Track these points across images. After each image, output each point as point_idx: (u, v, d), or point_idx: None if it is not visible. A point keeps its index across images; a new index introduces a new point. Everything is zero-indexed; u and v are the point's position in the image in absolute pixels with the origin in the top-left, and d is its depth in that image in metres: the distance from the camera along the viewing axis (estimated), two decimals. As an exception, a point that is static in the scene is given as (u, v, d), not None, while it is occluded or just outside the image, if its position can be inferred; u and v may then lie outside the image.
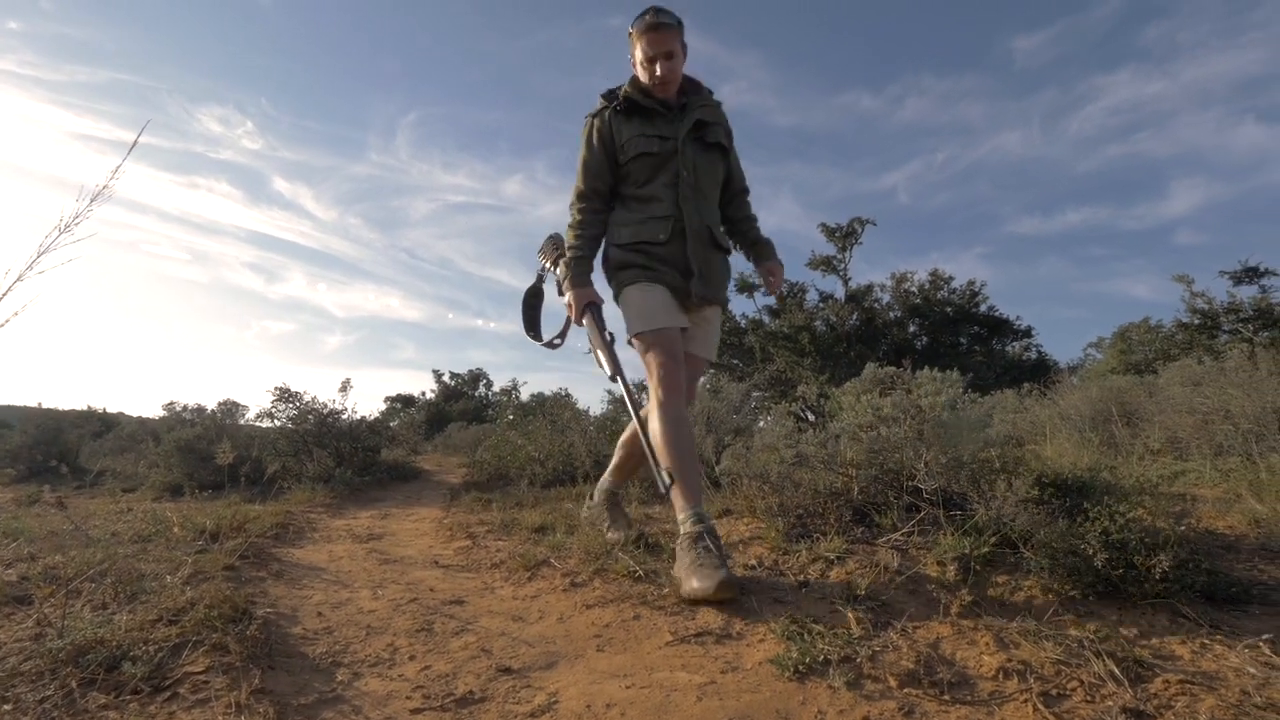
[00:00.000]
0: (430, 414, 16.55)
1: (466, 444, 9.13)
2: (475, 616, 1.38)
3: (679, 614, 1.30)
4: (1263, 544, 1.47)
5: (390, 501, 4.00)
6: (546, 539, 2.09)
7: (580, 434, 4.86)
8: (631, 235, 1.70)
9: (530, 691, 0.99)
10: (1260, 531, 1.55)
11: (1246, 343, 4.49)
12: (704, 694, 0.94)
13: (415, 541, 2.40)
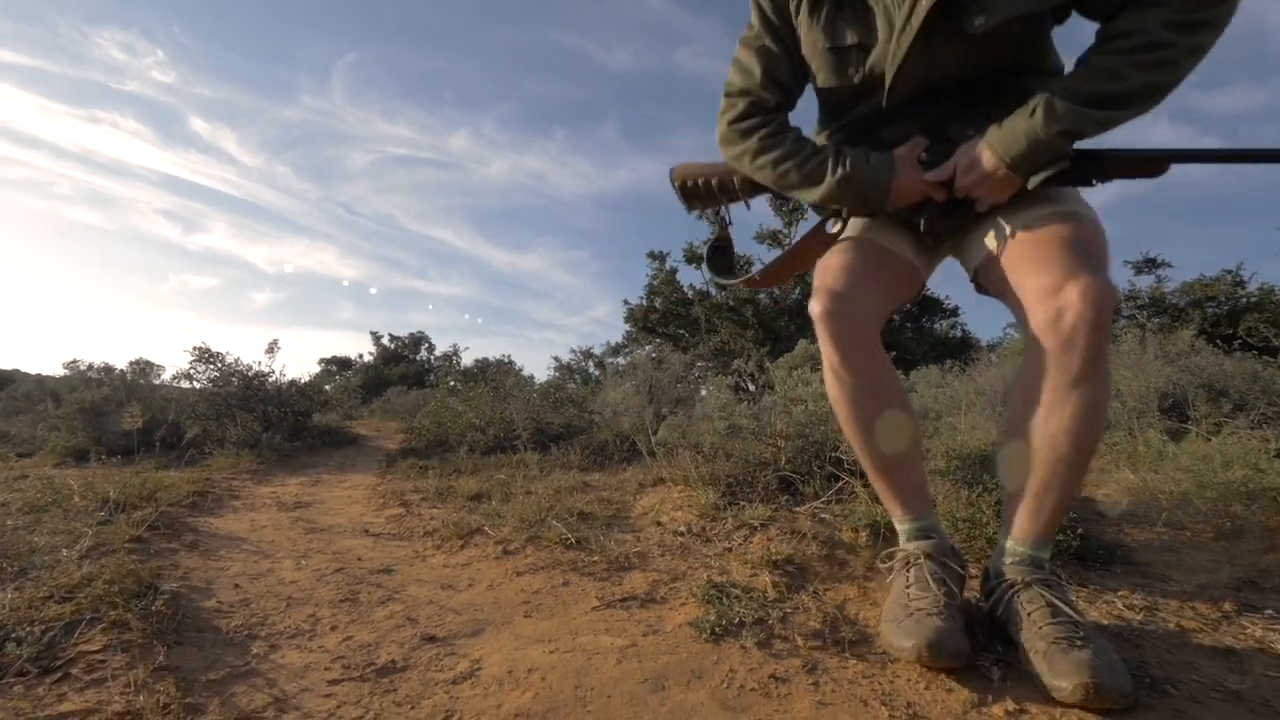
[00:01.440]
0: (368, 377, 15.96)
1: (406, 409, 8.90)
2: (403, 585, 1.37)
3: (606, 580, 1.33)
4: (1130, 510, 1.64)
5: (322, 468, 3.87)
6: (482, 507, 2.09)
7: (523, 402, 4.82)
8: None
9: (454, 659, 1.00)
10: (1131, 499, 1.73)
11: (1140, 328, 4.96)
12: (624, 656, 0.97)
13: (346, 509, 2.34)
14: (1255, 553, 1.35)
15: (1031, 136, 0.81)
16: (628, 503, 2.13)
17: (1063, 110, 0.79)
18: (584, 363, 14.63)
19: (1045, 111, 0.80)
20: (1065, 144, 0.81)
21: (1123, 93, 0.78)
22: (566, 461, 3.48)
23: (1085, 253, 0.82)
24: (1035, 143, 0.81)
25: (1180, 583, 1.18)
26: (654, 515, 1.87)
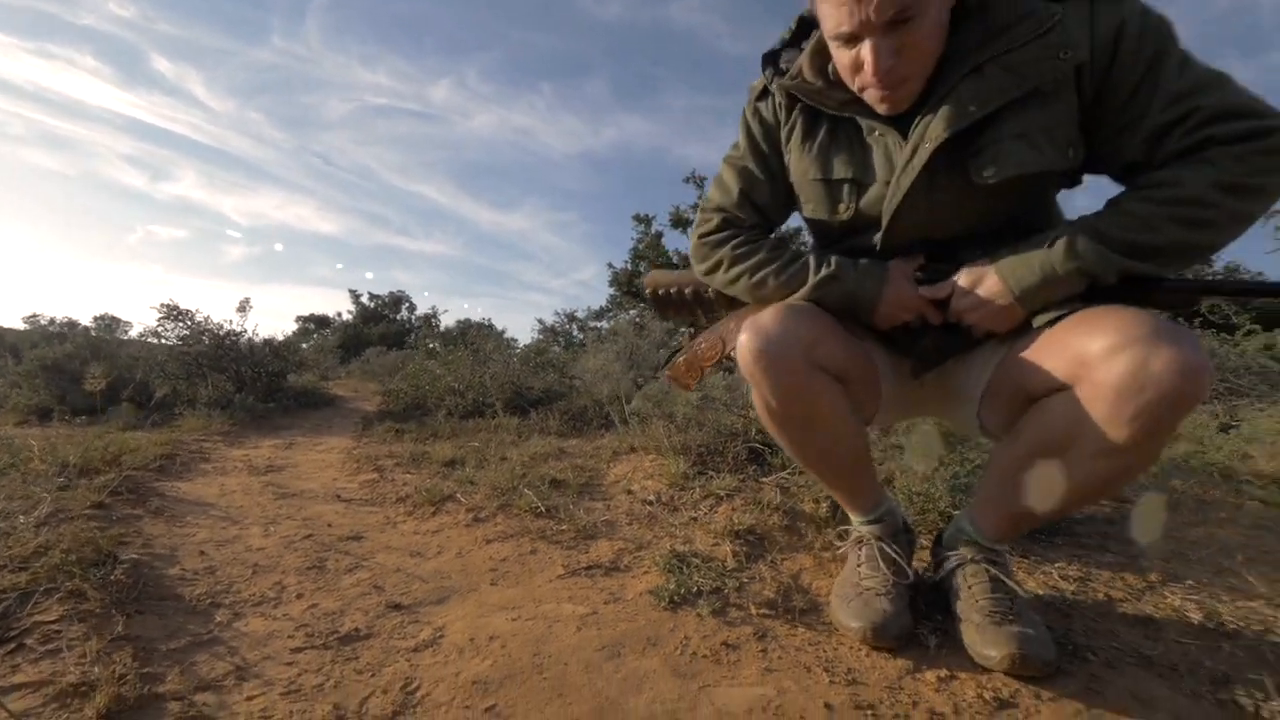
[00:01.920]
0: (347, 337, 15.72)
1: (385, 370, 8.82)
2: (372, 552, 1.39)
3: (574, 548, 1.37)
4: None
5: (297, 430, 3.84)
6: (456, 473, 2.10)
7: (503, 365, 4.81)
8: None
9: (417, 626, 1.02)
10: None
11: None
12: (584, 624, 1.01)
13: (319, 474, 2.34)
14: (1188, 525, 1.43)
15: (1046, 270, 0.73)
16: (601, 470, 2.16)
17: (1085, 249, 0.70)
18: (568, 326, 14.56)
19: (1066, 247, 0.71)
20: (1080, 285, 0.73)
21: (1153, 245, 0.70)
22: (545, 427, 3.50)
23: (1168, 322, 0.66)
24: (1049, 278, 0.72)
25: (1115, 554, 1.25)
26: (625, 484, 1.90)
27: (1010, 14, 0.73)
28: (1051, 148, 0.75)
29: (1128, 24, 0.71)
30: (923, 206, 0.81)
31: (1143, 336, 0.64)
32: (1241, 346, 4.07)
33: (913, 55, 0.73)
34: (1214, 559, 1.23)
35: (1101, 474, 0.73)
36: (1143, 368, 0.63)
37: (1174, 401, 0.63)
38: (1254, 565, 1.20)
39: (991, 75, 0.73)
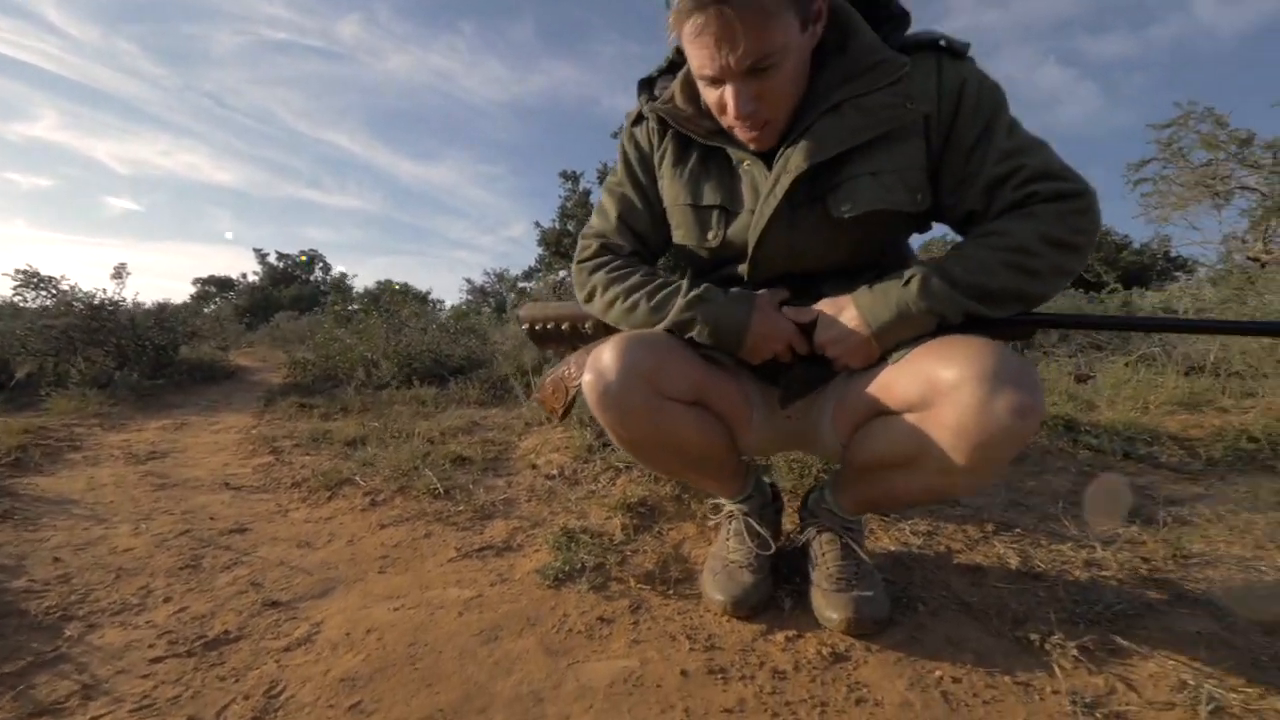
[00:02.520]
0: (253, 300, 14.60)
1: (296, 336, 8.30)
2: (256, 546, 1.34)
3: (469, 529, 1.37)
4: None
5: (192, 408, 3.57)
6: (358, 453, 2.04)
7: (420, 332, 4.63)
8: None
9: (293, 624, 1.01)
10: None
11: None
12: (466, 609, 1.03)
13: (208, 459, 2.20)
14: (1028, 475, 1.61)
15: (901, 307, 0.76)
16: (511, 444, 2.16)
17: (937, 289, 0.74)
18: (498, 286, 14.13)
19: (920, 286, 0.75)
20: (930, 324, 0.76)
21: (992, 289, 0.74)
22: (464, 397, 3.44)
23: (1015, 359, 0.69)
24: (904, 314, 0.76)
25: (964, 507, 1.39)
26: (533, 457, 1.91)
27: (866, 59, 0.76)
28: (903, 189, 0.79)
29: (968, 83, 0.76)
30: (785, 237, 0.84)
31: (988, 374, 0.68)
32: (1104, 303, 4.54)
33: (773, 100, 0.75)
34: (1043, 506, 1.41)
35: (941, 487, 0.80)
36: (986, 405, 0.68)
37: (1009, 438, 0.68)
38: (1073, 510, 1.38)
39: (848, 115, 0.76)
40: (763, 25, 0.68)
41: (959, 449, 0.71)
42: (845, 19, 0.77)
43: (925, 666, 0.83)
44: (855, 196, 0.78)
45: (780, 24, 0.69)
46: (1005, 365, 0.68)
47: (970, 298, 0.75)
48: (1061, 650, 0.85)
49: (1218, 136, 5.98)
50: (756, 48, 0.69)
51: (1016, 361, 0.69)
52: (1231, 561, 1.12)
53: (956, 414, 0.70)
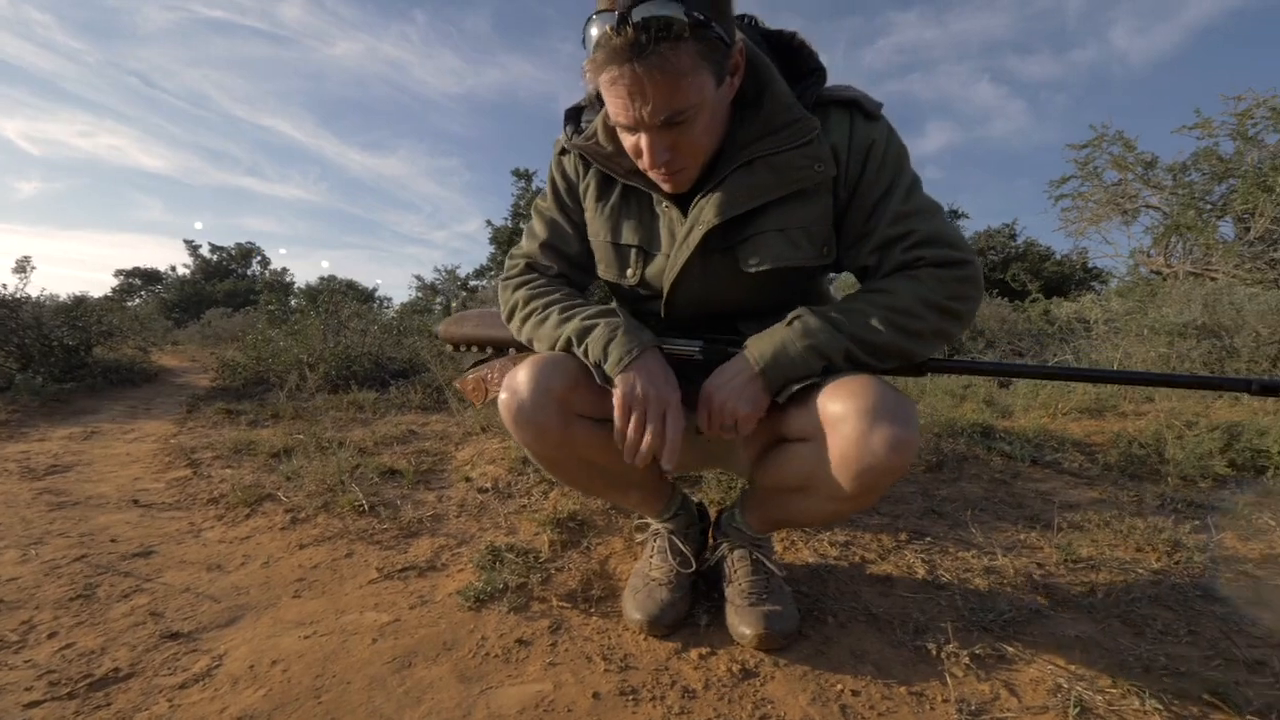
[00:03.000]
0: (184, 295, 13.77)
1: (229, 335, 7.89)
2: (160, 570, 1.27)
3: (393, 548, 1.34)
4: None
5: (105, 414, 3.34)
6: (283, 466, 1.95)
7: (360, 334, 4.48)
8: None
9: (193, 657, 0.96)
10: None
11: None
12: (381, 634, 1.00)
13: (117, 473, 2.06)
14: (944, 483, 1.70)
15: (782, 345, 0.78)
16: (447, 454, 2.12)
17: (817, 328, 0.77)
18: (449, 284, 13.79)
19: (802, 326, 0.78)
20: (815, 363, 0.77)
21: (875, 344, 0.77)
22: (405, 402, 3.35)
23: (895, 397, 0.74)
24: (785, 352, 0.77)
25: (882, 515, 1.46)
26: (467, 469, 1.88)
27: (780, 117, 0.77)
28: (809, 244, 0.81)
29: (876, 144, 0.79)
30: (698, 284, 0.86)
31: (867, 410, 0.72)
32: (1027, 312, 4.85)
33: (687, 150, 0.75)
34: (956, 513, 1.49)
35: (833, 510, 0.86)
36: (864, 438, 0.72)
37: (886, 469, 0.73)
38: (981, 517, 1.46)
39: (759, 172, 0.78)
40: (676, 83, 0.67)
41: (843, 477, 0.76)
42: (761, 72, 0.78)
43: (828, 680, 0.86)
44: (762, 251, 0.81)
45: (694, 81, 0.68)
46: (884, 402, 0.73)
47: (852, 343, 0.77)
48: (955, 659, 0.90)
49: (1126, 158, 6.46)
50: (670, 104, 0.69)
51: (895, 399, 0.74)
52: (1114, 565, 1.21)
53: (841, 446, 0.75)
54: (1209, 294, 3.48)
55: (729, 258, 0.83)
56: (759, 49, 0.79)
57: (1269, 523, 1.42)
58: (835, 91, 0.80)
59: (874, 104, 0.81)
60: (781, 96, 0.77)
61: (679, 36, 0.64)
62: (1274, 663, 0.89)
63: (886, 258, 0.80)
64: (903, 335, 0.77)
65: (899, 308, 0.77)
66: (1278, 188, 5.23)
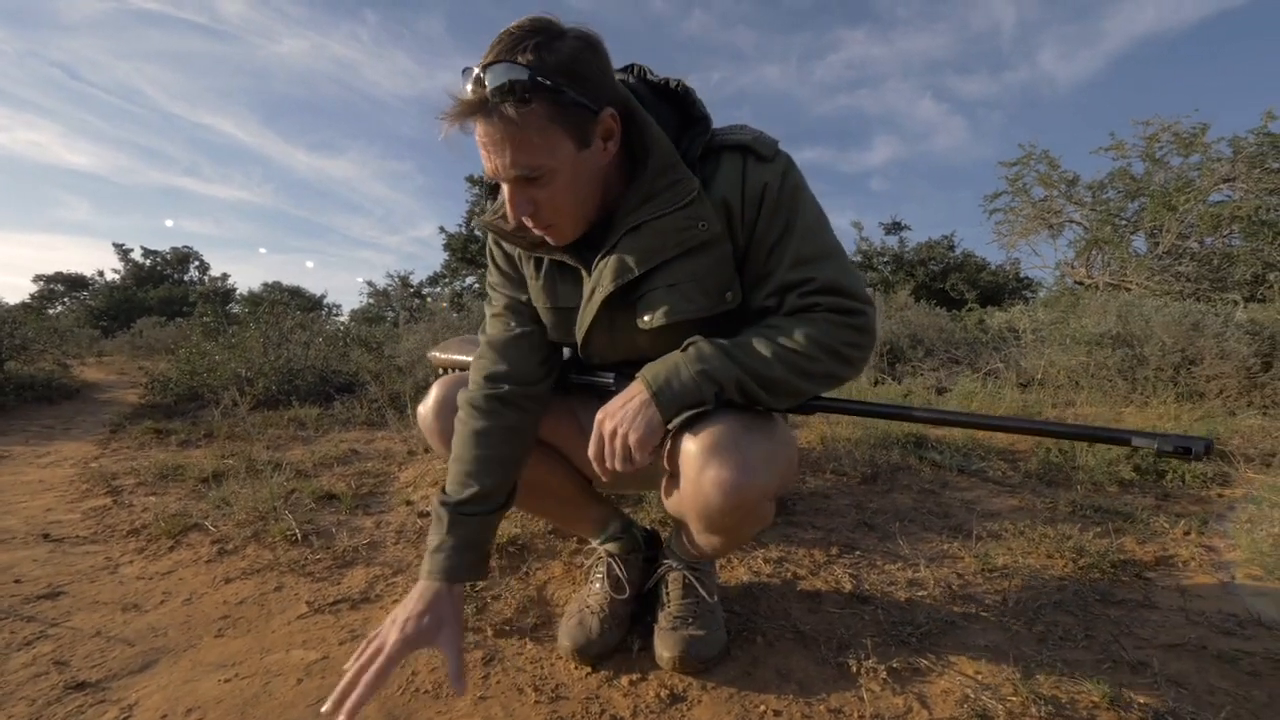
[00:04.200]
0: (113, 302, 12.94)
1: (163, 345, 7.46)
2: (69, 613, 1.20)
3: (325, 579, 1.30)
4: (818, 458, 2.03)
5: (17, 435, 3.11)
6: (213, 492, 1.87)
7: (304, 346, 4.32)
8: None
9: (100, 708, 0.91)
10: (823, 447, 2.13)
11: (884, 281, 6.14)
12: (308, 674, 0.98)
13: (27, 502, 1.93)
14: (878, 494, 1.78)
15: (674, 368, 0.78)
16: (390, 475, 2.07)
17: (709, 355, 0.77)
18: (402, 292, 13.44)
19: (695, 351, 0.78)
20: (706, 388, 0.76)
21: (765, 375, 0.77)
22: (350, 418, 3.25)
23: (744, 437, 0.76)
24: (676, 376, 0.77)
25: (816, 529, 1.51)
26: (409, 492, 1.84)
27: (661, 180, 0.78)
28: (703, 296, 0.82)
29: (769, 187, 0.79)
30: (606, 337, 0.89)
31: (706, 448, 0.76)
32: (964, 321, 5.11)
33: (550, 207, 0.76)
34: (885, 525, 1.56)
35: (709, 545, 0.92)
36: (696, 479, 0.77)
37: (722, 512, 0.78)
38: (909, 529, 1.53)
39: (645, 236, 0.79)
40: (521, 142, 0.69)
41: (691, 516, 0.83)
42: (645, 131, 0.78)
43: (753, 701, 0.89)
44: (655, 308, 0.82)
45: (543, 142, 0.70)
46: (725, 442, 0.75)
47: (743, 373, 0.77)
48: (873, 674, 0.94)
49: (1051, 176, 6.91)
50: (520, 160, 0.71)
51: (742, 440, 0.76)
52: (1025, 573, 1.29)
53: (684, 484, 0.80)
54: (1122, 306, 3.75)
55: (630, 312, 0.85)
56: (647, 101, 0.81)
57: (1164, 526, 1.55)
58: (728, 135, 0.82)
59: (768, 146, 0.81)
60: (662, 157, 0.78)
61: (522, 99, 0.67)
62: (1155, 664, 0.97)
63: (785, 301, 0.81)
64: (794, 373, 0.77)
65: (793, 348, 0.77)
66: (1181, 207, 5.69)
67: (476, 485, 0.87)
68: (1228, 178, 6.24)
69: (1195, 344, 3.37)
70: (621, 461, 0.78)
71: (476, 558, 0.87)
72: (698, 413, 0.78)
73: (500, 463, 0.89)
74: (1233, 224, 6.13)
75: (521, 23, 0.70)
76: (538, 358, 0.94)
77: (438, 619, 0.81)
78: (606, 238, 0.83)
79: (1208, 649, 1.01)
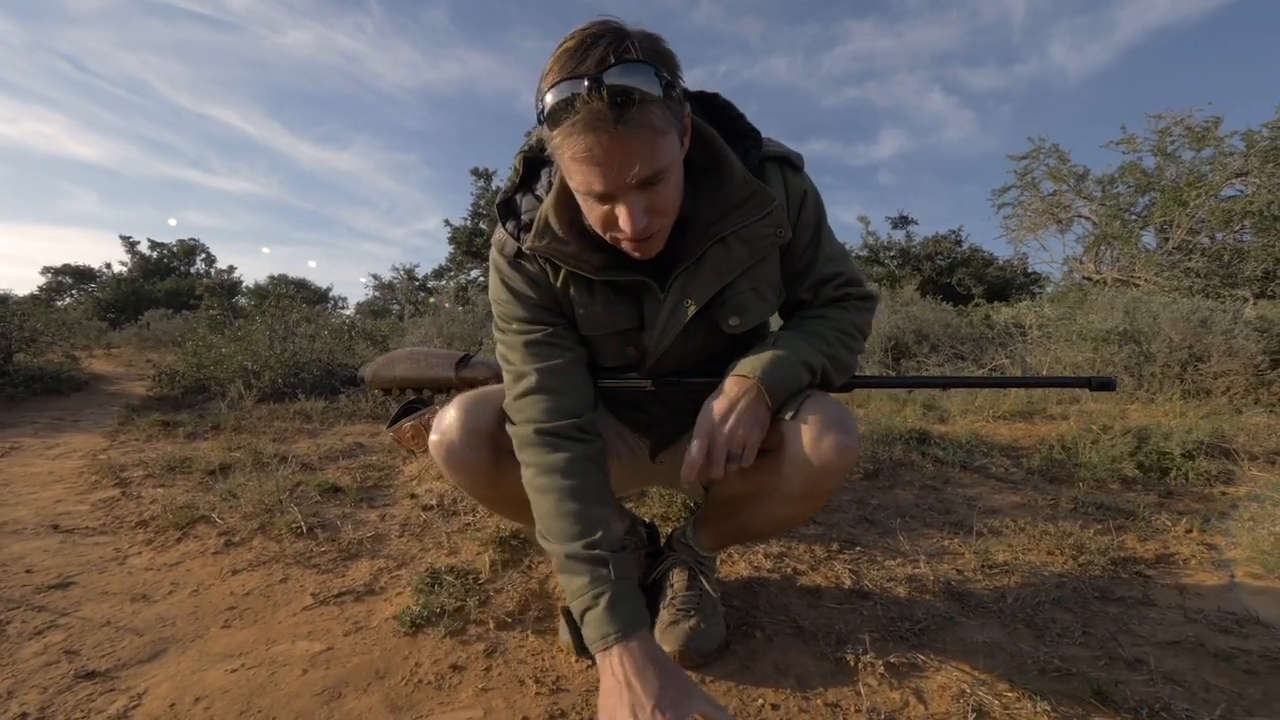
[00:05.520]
0: (120, 294, 13.03)
1: (170, 338, 7.53)
2: (80, 603, 1.22)
3: (330, 571, 1.32)
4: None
5: (27, 427, 3.15)
6: (219, 484, 1.89)
7: (310, 339, 4.35)
8: None
9: (110, 697, 0.93)
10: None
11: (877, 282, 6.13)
12: (313, 664, 0.99)
13: (38, 494, 1.95)
14: (880, 490, 1.78)
15: (773, 362, 0.82)
16: (394, 469, 2.09)
17: (801, 345, 0.85)
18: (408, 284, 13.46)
19: (788, 344, 0.84)
20: (804, 376, 0.84)
21: (839, 359, 0.88)
22: (355, 411, 3.27)
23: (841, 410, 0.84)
24: (778, 366, 0.81)
25: (818, 525, 1.52)
26: (413, 485, 1.86)
27: (742, 190, 0.81)
28: (774, 296, 0.91)
29: (808, 194, 0.88)
30: (679, 350, 0.91)
31: (820, 420, 0.82)
32: (970, 316, 5.08)
33: (662, 211, 0.73)
34: (886, 521, 1.56)
35: (786, 515, 0.94)
36: (816, 443, 0.82)
37: (834, 471, 0.83)
38: (910, 525, 1.54)
39: (734, 246, 0.83)
40: (654, 142, 0.66)
41: (797, 478, 0.85)
42: (710, 140, 0.80)
43: (751, 694, 0.90)
44: (740, 312, 0.87)
45: (667, 141, 0.68)
46: (832, 413, 0.83)
47: (826, 359, 0.87)
48: (871, 669, 0.95)
49: (1061, 170, 6.84)
50: (651, 163, 0.67)
51: (839, 411, 0.84)
52: (1025, 569, 1.30)
53: (795, 450, 0.83)
54: (1130, 302, 3.73)
55: (706, 321, 0.88)
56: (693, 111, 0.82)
57: (1166, 523, 1.54)
58: (767, 148, 0.86)
59: (798, 158, 0.89)
60: (737, 168, 0.80)
61: (650, 102, 0.64)
62: (1151, 661, 0.97)
63: (820, 293, 0.92)
64: (852, 354, 0.92)
65: (844, 330, 0.90)
66: (1192, 202, 5.63)
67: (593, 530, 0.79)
68: (1240, 172, 6.17)
69: (1203, 341, 3.35)
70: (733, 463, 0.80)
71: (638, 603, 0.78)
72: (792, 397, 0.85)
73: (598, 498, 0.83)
74: (1244, 219, 6.07)
75: (594, 28, 0.66)
76: (590, 381, 0.91)
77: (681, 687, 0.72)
78: (680, 250, 0.82)
79: (1205, 646, 1.01)
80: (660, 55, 0.67)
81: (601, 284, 0.86)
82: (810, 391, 0.86)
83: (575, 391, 0.87)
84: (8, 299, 4.81)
